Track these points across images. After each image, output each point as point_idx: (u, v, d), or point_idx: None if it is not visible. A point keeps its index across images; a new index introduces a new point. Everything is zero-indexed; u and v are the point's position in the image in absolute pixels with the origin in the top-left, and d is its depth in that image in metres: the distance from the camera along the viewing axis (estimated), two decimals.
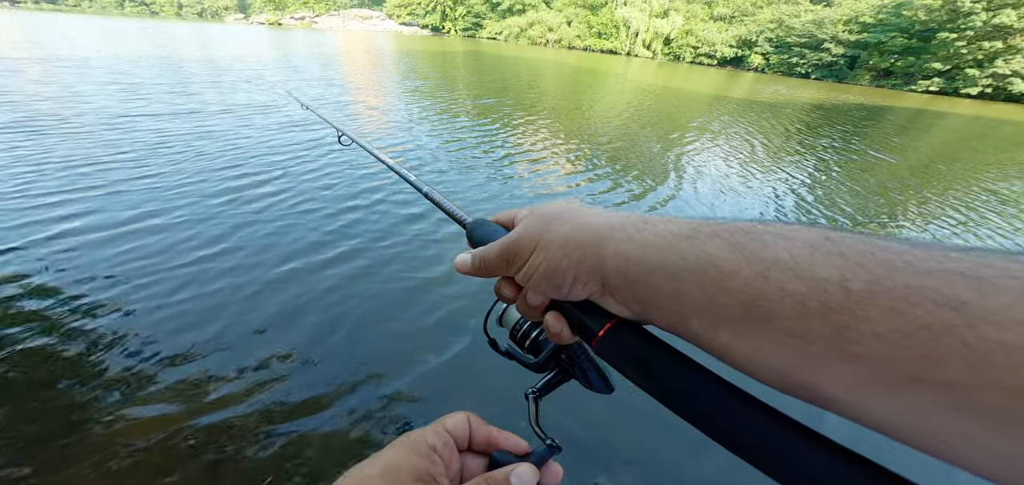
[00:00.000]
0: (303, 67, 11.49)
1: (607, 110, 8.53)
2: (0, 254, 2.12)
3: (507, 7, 52.06)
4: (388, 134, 5.11)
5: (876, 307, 0.16)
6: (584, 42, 46.18)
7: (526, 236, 0.28)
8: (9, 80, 6.28)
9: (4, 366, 1.54)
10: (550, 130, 6.11)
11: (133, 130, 4.27)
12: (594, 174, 4.39)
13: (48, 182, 2.93)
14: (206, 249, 2.30)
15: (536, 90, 10.61)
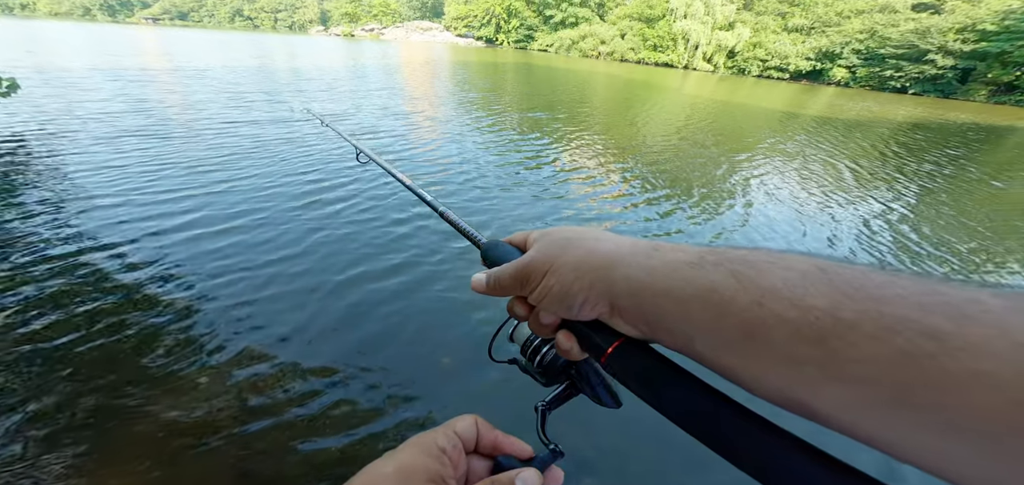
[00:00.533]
0: (370, 76, 12.45)
1: (663, 126, 8.13)
2: (115, 245, 2.47)
3: (559, 20, 52.50)
4: (439, 146, 5.24)
5: (862, 335, 0.17)
6: (638, 55, 44.92)
7: (540, 259, 0.30)
8: (146, 90, 7.59)
9: (108, 335, 1.80)
10: (601, 146, 5.95)
11: (236, 134, 4.86)
12: (649, 196, 4.15)
13: (170, 181, 3.37)
14: (284, 250, 2.48)
15: (587, 104, 10.39)
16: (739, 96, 17.37)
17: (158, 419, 1.41)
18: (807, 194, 4.63)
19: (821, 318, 0.18)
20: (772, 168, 5.66)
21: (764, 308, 0.20)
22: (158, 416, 1.42)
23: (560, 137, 6.21)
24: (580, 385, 0.33)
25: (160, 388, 1.52)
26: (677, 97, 14.33)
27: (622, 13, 48.54)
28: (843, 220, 3.96)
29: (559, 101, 10.11)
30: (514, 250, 0.36)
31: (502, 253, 0.36)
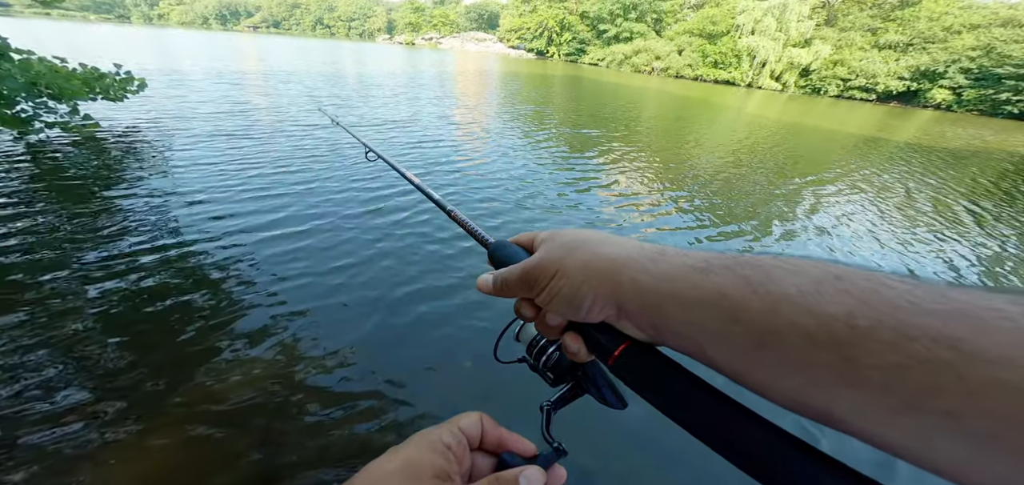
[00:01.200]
0: (429, 84, 13.10)
1: (719, 147, 7.51)
2: (198, 233, 2.73)
3: (613, 34, 51.74)
4: (485, 157, 5.24)
5: (878, 342, 0.17)
6: (695, 71, 42.67)
7: (547, 261, 0.30)
8: (241, 92, 8.64)
9: (173, 312, 2.00)
10: (651, 166, 5.62)
11: (314, 137, 5.14)
12: (699, 221, 3.80)
13: (259, 180, 3.56)
14: (346, 258, 2.44)
15: (638, 121, 10.00)
16: (811, 117, 15.69)
17: (199, 395, 1.50)
18: (911, 235, 3.95)
19: (836, 325, 0.18)
20: (852, 200, 4.95)
21: (777, 315, 0.19)
22: (199, 392, 1.51)
23: (607, 154, 5.96)
24: (586, 386, 0.33)
25: (209, 369, 1.61)
26: (737, 116, 13.28)
27: (681, 29, 46.60)
28: (963, 269, 3.32)
29: (609, 117, 9.78)
30: (521, 251, 0.36)
31: (510, 254, 0.36)
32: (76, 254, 2.20)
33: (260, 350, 1.69)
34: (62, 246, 2.28)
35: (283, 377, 1.57)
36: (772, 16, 37.90)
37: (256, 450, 1.31)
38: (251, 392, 1.50)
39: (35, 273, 2.02)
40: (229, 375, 1.56)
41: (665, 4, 51.25)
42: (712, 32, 43.02)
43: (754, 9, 39.22)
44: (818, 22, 39.17)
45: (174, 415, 1.40)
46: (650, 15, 51.62)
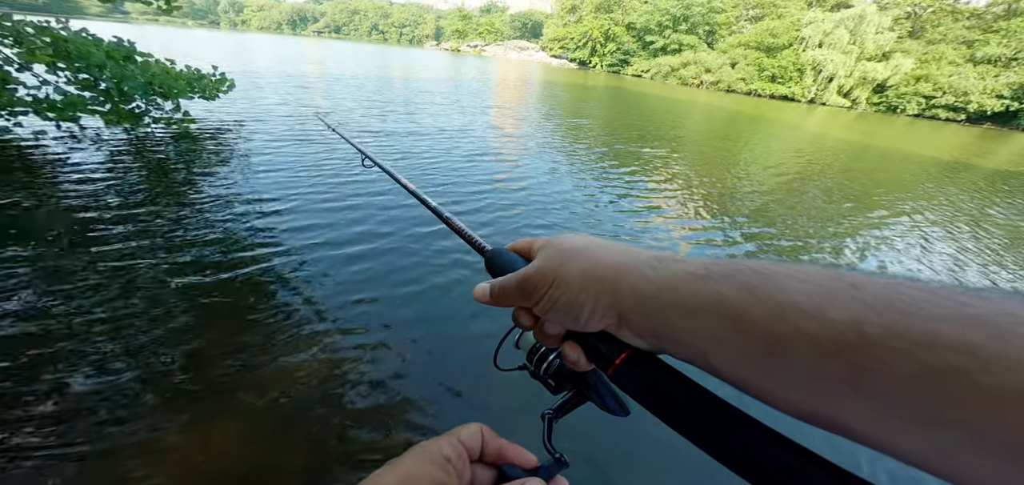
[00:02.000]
0: (478, 92, 13.57)
1: (773, 167, 7.05)
2: (265, 229, 3.11)
3: (660, 46, 50.22)
4: (521, 166, 5.33)
5: (890, 350, 0.16)
6: (749, 86, 40.13)
7: (545, 269, 0.29)
8: (307, 94, 9.56)
9: (233, 301, 2.28)
10: (691, 181, 5.45)
11: (383, 146, 5.43)
12: (744, 242, 3.63)
13: (321, 185, 3.72)
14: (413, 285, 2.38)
15: (681, 136, 9.68)
16: (884, 138, 14.17)
17: (250, 387, 1.65)
18: (1003, 278, 3.55)
19: (844, 332, 0.17)
20: (929, 233, 4.46)
21: (782, 321, 0.19)
22: (254, 385, 1.72)
23: (648, 168, 5.86)
24: (588, 393, 0.32)
25: (260, 361, 1.76)
26: (795, 134, 12.34)
27: (736, 41, 44.15)
28: None
29: (653, 130, 9.52)
30: (519, 258, 0.35)
31: (507, 261, 0.36)
32: (162, 238, 2.58)
33: (308, 352, 1.77)
34: (151, 230, 2.69)
35: (327, 378, 1.65)
36: (845, 28, 34.76)
37: (297, 449, 1.39)
38: (298, 390, 1.59)
39: (126, 255, 2.37)
40: (280, 369, 1.71)
41: (720, 16, 48.93)
42: (771, 45, 40.31)
43: (823, 21, 36.23)
44: (901, 34, 35.29)
45: (220, 401, 1.52)
46: (702, 27, 49.50)
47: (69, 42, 3.70)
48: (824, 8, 40.58)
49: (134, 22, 64.33)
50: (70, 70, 3.77)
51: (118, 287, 2.05)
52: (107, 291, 2.00)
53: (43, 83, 3.68)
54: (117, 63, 3.97)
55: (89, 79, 3.86)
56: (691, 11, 48.90)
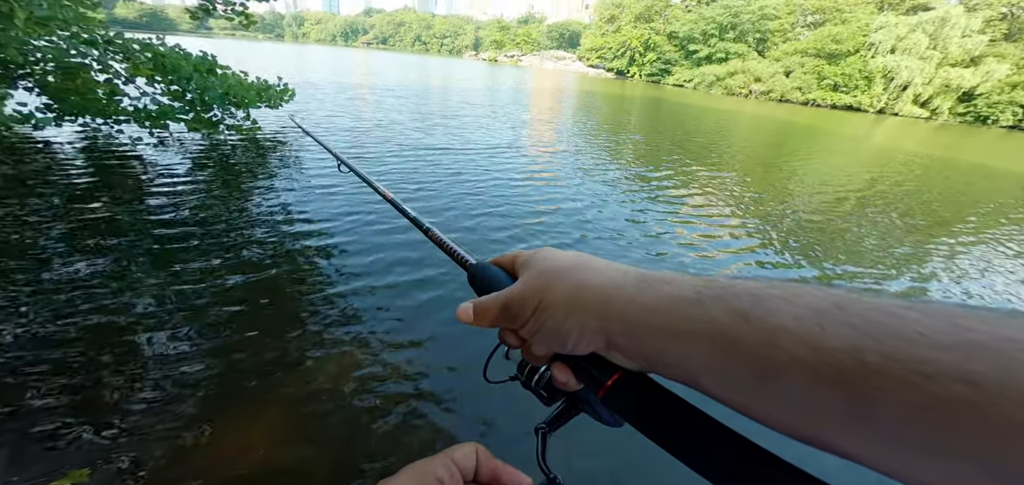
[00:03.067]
0: (516, 100, 13.88)
1: (830, 181, 6.44)
2: (318, 232, 3.35)
3: (705, 55, 48.04)
4: (554, 178, 5.32)
5: (890, 379, 0.16)
6: (806, 95, 37.10)
7: (528, 293, 0.29)
8: (357, 105, 10.23)
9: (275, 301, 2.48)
10: (737, 197, 5.12)
11: (424, 162, 5.44)
12: (796, 266, 3.36)
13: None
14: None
15: (727, 148, 9.14)
16: (970, 151, 12.49)
17: (293, 381, 1.83)
18: None
19: (842, 361, 0.17)
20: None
21: (776, 349, 0.19)
22: (293, 379, 1.86)
23: (690, 183, 5.62)
24: (581, 404, 0.32)
25: (303, 358, 1.91)
26: (860, 147, 11.21)
27: (791, 48, 41.11)
28: None
29: (698, 142, 9.13)
30: (502, 274, 0.34)
31: (490, 278, 0.34)
32: (228, 235, 2.84)
33: (328, 356, 1.84)
34: (219, 228, 2.98)
35: (342, 384, 1.71)
36: (923, 32, 31.19)
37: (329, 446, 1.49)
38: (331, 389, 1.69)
39: (195, 253, 2.63)
40: (316, 367, 1.82)
41: (772, 23, 45.93)
42: (833, 52, 37.05)
43: (896, 25, 32.77)
44: (994, 37, 30.97)
45: (260, 396, 1.63)
46: (752, 35, 46.71)
47: (165, 57, 4.28)
48: (897, 12, 36.69)
49: (215, 37, 72.99)
50: (164, 82, 4.35)
51: (188, 278, 2.27)
52: (171, 282, 2.24)
53: (142, 94, 4.28)
54: (202, 75, 4.51)
55: (178, 90, 4.43)
56: (739, 19, 46.38)
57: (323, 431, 1.51)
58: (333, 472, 1.38)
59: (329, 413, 1.57)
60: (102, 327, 1.87)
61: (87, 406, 1.49)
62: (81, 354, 1.71)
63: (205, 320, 1.98)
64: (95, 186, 3.39)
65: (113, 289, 2.12)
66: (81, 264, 2.31)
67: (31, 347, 1.71)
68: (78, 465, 1.29)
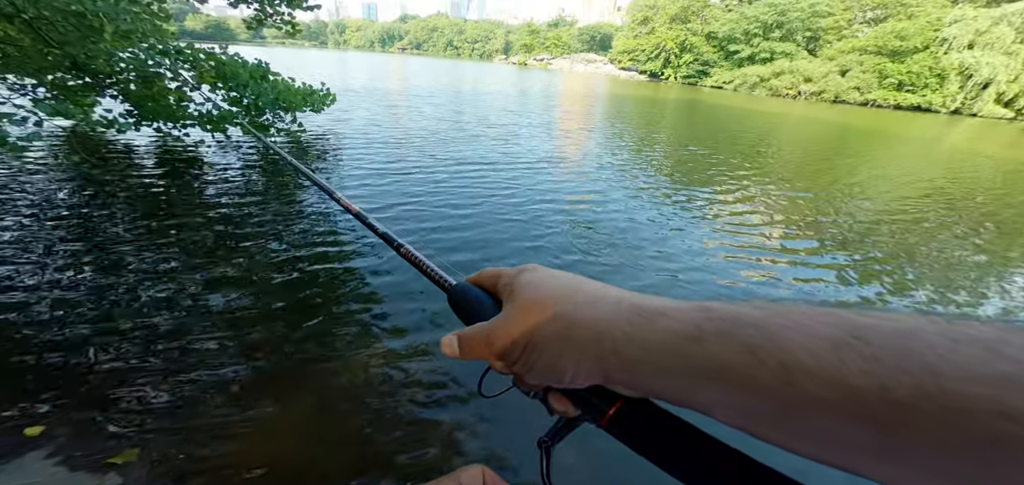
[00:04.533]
0: (545, 107, 13.81)
1: (899, 190, 5.76)
2: (351, 242, 3.45)
3: (747, 55, 45.37)
4: (580, 187, 5.17)
5: (924, 417, 0.15)
6: (865, 95, 33.98)
7: (514, 332, 0.26)
8: (392, 112, 10.60)
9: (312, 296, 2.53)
10: (785, 209, 4.71)
11: (471, 176, 5.65)
12: (855, 285, 3.01)
13: (411, 197, 4.33)
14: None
15: (777, 155, 8.48)
16: None
17: (323, 376, 1.89)
18: None
19: (870, 400, 0.16)
20: None
21: (793, 388, 0.17)
22: (324, 374, 1.92)
23: (732, 191, 5.25)
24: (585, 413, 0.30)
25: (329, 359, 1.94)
26: (930, 151, 10.03)
27: (847, 46, 37.86)
28: None
29: (743, 147, 8.57)
30: (484, 297, 0.31)
31: (472, 302, 0.32)
32: (272, 233, 2.99)
33: (361, 355, 1.89)
34: (266, 227, 3.13)
35: (369, 384, 1.75)
36: (1008, 25, 27.60)
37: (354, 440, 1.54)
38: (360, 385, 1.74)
39: (243, 254, 2.78)
40: (326, 369, 1.82)
41: (825, 21, 42.54)
42: (898, 49, 33.69)
43: (975, 18, 29.26)
44: None
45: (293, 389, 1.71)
46: (802, 33, 43.50)
47: (225, 65, 4.62)
48: (975, 4, 32.70)
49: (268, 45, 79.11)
50: (225, 88, 4.70)
51: (235, 272, 2.40)
52: (219, 278, 2.36)
53: (206, 100, 4.65)
54: (257, 82, 4.83)
55: (236, 96, 4.77)
56: (787, 17, 43.37)
57: (340, 430, 1.54)
58: (347, 472, 1.40)
59: (349, 413, 1.61)
60: (156, 317, 2.00)
61: (137, 392, 1.60)
62: (136, 341, 1.84)
63: (245, 315, 2.07)
64: (163, 185, 3.70)
65: (169, 283, 2.27)
66: (146, 257, 2.50)
67: (96, 334, 1.86)
68: (129, 447, 1.39)
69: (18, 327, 1.87)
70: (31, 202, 3.12)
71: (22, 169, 3.68)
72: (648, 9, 57.34)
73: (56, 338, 1.82)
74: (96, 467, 1.31)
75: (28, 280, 2.19)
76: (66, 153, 4.19)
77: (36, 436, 1.37)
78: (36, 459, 1.31)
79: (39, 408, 1.47)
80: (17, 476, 1.26)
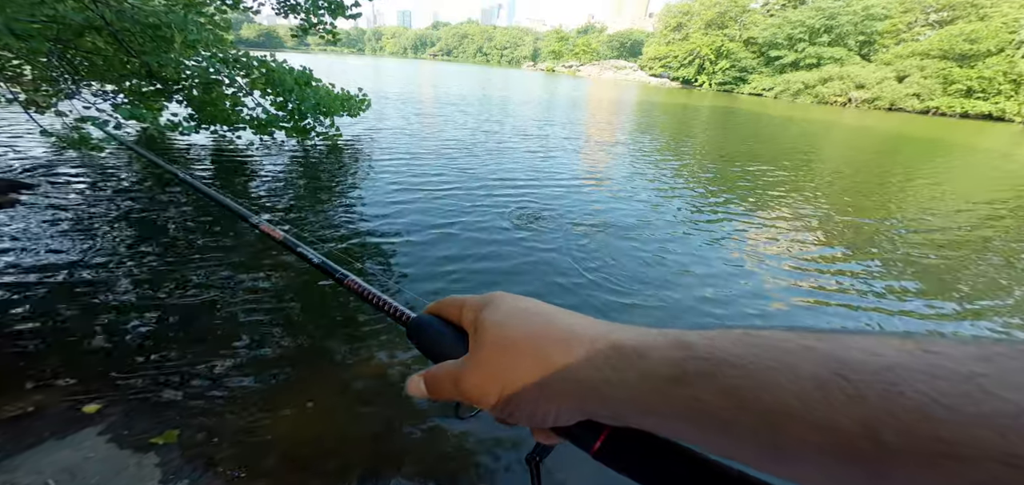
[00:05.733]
0: (572, 118, 13.73)
1: (969, 210, 5.19)
2: (386, 231, 3.58)
3: (791, 61, 42.86)
4: (606, 196, 5.04)
5: (916, 458, 0.14)
6: (925, 102, 31.11)
7: (485, 382, 0.25)
8: (421, 119, 10.93)
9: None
10: (831, 224, 4.40)
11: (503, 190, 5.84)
12: (907, 309, 2.78)
13: (439, 200, 4.56)
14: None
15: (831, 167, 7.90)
16: None
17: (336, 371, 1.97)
18: None
19: (858, 443, 0.15)
20: None
21: (780, 433, 0.17)
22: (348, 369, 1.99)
23: (773, 205, 5.01)
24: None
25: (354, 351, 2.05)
26: (1000, 167, 8.96)
27: (907, 51, 34.89)
28: None
29: (793, 159, 8.05)
30: (446, 331, 0.29)
31: (434, 335, 0.29)
32: (316, 229, 3.14)
33: (383, 355, 1.96)
34: (306, 225, 3.30)
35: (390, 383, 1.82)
36: None
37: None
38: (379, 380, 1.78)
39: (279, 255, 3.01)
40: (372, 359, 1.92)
41: (881, 24, 39.42)
42: (967, 52, 30.62)
43: None
44: None
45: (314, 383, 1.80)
46: (854, 37, 40.55)
47: (275, 72, 4.96)
48: None
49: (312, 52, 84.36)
50: (273, 94, 5.04)
51: (278, 273, 2.53)
52: (262, 273, 2.51)
53: (256, 105, 5.00)
54: (301, 88, 5.15)
55: (282, 101, 5.10)
56: (837, 21, 40.58)
57: (359, 426, 1.61)
58: (362, 464, 1.46)
59: (367, 413, 1.67)
60: (202, 310, 2.15)
61: (181, 378, 1.73)
62: (183, 330, 1.99)
63: (281, 309, 2.21)
64: (219, 184, 4.01)
65: (218, 275, 2.46)
66: (196, 254, 2.71)
67: (150, 320, 2.04)
68: (170, 428, 1.50)
69: (91, 310, 2.08)
70: (103, 197, 3.49)
71: (98, 166, 4.13)
72: (682, 15, 55.69)
73: (119, 322, 2.01)
74: (141, 445, 1.42)
75: (100, 270, 2.44)
76: (135, 153, 4.64)
77: (93, 413, 1.52)
78: (91, 434, 1.44)
79: (97, 386, 1.63)
80: (75, 448, 1.39)
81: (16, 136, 4.76)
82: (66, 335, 1.91)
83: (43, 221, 2.94)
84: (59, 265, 2.42)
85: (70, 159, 4.15)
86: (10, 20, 2.29)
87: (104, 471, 1.34)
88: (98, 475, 1.32)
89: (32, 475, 1.29)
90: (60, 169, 3.92)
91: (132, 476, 1.33)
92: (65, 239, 2.72)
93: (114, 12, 3.28)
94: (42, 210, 3.09)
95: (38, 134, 3.09)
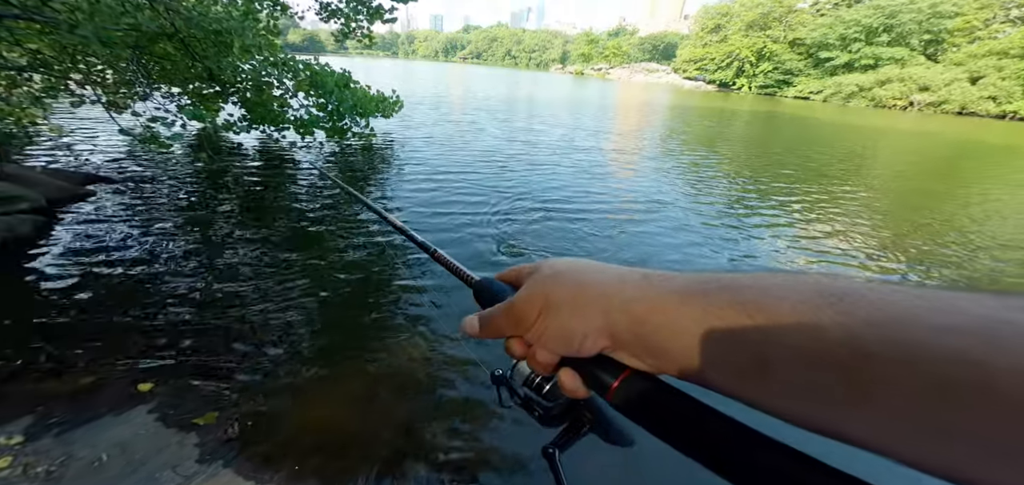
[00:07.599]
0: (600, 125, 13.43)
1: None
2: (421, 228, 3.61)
3: (843, 62, 39.75)
4: (633, 205, 4.90)
5: (890, 363, 0.16)
6: (1002, 106, 27.81)
7: (533, 296, 0.29)
8: (451, 125, 11.07)
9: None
10: (896, 241, 4.04)
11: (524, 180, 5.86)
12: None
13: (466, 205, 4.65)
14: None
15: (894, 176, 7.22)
16: None
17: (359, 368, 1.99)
18: None
19: (840, 349, 0.17)
20: None
21: (777, 342, 0.19)
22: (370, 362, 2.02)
23: (845, 222, 4.64)
24: (589, 421, 0.32)
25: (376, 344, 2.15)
26: None
27: (982, 50, 31.40)
28: None
29: (854, 170, 7.36)
30: (506, 288, 0.34)
31: (496, 292, 0.34)
32: (344, 229, 3.22)
33: (406, 348, 2.00)
34: (339, 222, 3.42)
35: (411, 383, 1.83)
36: None
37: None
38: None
39: (322, 240, 3.03)
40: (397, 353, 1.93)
41: (951, 22, 35.66)
42: None
43: None
44: None
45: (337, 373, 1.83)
46: (918, 36, 36.98)
47: (318, 74, 5.19)
48: None
49: (350, 56, 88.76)
50: (315, 96, 5.27)
51: (312, 263, 2.62)
52: (299, 265, 2.60)
53: (301, 106, 5.25)
54: (340, 90, 5.35)
55: (323, 103, 5.32)
56: (898, 19, 37.19)
57: (383, 418, 1.65)
58: (384, 453, 1.49)
59: (391, 404, 1.69)
60: (246, 299, 2.26)
61: (222, 363, 1.81)
62: (228, 318, 2.09)
63: (314, 299, 2.29)
64: (263, 180, 4.24)
65: (256, 267, 2.58)
66: (241, 246, 2.86)
67: (200, 308, 2.15)
68: (211, 410, 1.58)
69: (151, 294, 2.24)
70: (167, 191, 3.77)
71: (161, 162, 4.48)
72: (720, 16, 53.29)
73: (174, 306, 2.15)
74: (185, 425, 1.51)
75: (162, 259, 2.63)
76: (195, 150, 5.01)
77: (145, 392, 1.62)
78: (142, 412, 1.54)
79: (151, 367, 1.74)
80: (127, 424, 1.49)
81: (94, 135, 5.28)
82: (129, 317, 2.06)
83: (117, 211, 3.22)
84: (128, 253, 2.64)
85: (141, 156, 4.55)
86: (99, 29, 2.51)
87: (149, 448, 1.42)
88: (144, 451, 1.40)
89: (87, 448, 1.39)
90: (132, 165, 4.30)
91: (174, 453, 1.40)
92: (135, 228, 2.96)
93: (183, 19, 3.54)
94: (116, 202, 3.39)
95: (116, 133, 3.39)
